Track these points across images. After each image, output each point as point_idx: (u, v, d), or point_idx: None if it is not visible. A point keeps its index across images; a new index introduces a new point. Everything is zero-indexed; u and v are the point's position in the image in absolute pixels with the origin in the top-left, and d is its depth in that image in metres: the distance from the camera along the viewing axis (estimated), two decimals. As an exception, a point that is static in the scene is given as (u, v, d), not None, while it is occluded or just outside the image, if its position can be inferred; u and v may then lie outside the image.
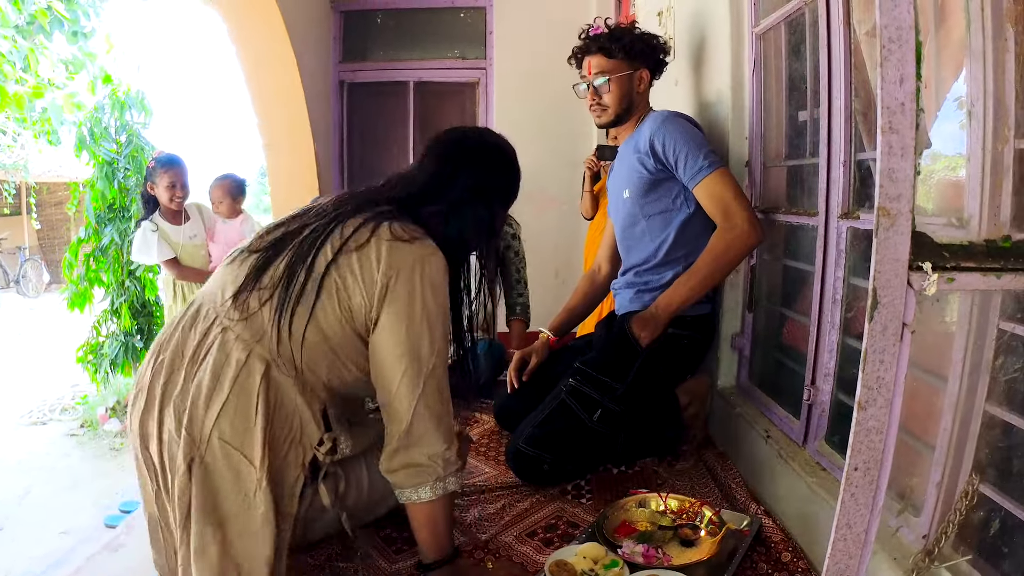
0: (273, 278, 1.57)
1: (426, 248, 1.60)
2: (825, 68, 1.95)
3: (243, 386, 1.51)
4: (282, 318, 1.53)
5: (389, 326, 1.55)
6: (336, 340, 1.57)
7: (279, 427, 1.54)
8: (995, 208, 1.32)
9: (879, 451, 0.84)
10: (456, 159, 1.75)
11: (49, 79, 10.47)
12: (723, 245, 2.23)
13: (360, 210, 1.65)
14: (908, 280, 0.79)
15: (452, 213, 1.71)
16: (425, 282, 1.57)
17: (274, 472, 1.51)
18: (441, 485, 1.59)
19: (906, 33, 0.74)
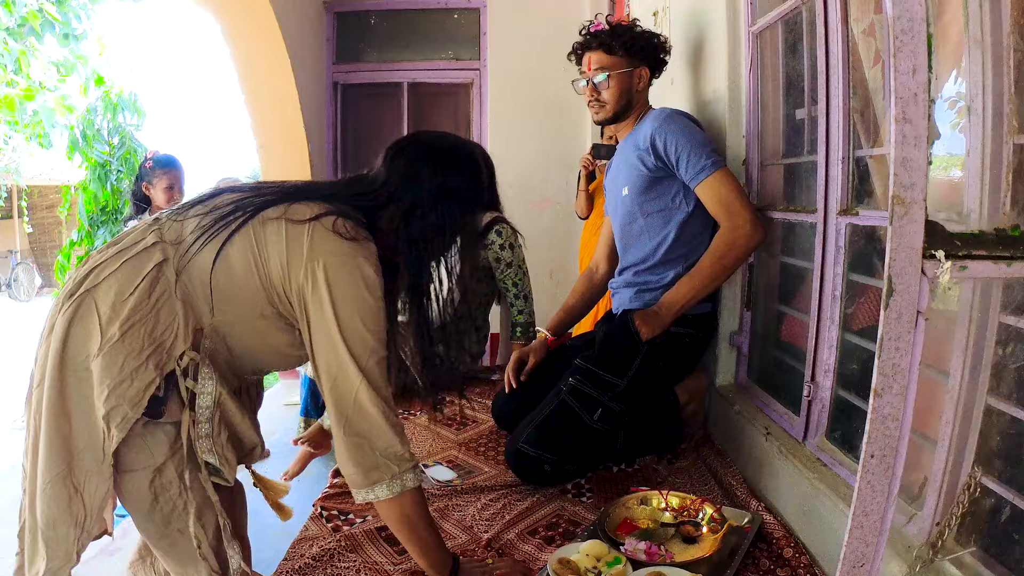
0: (217, 205, 1.63)
1: (366, 250, 1.61)
2: (823, 66, 1.96)
3: (136, 264, 1.55)
4: (201, 236, 1.58)
5: (322, 325, 1.57)
6: (240, 283, 1.59)
7: (151, 317, 1.54)
8: (995, 202, 1.33)
9: (895, 438, 0.84)
10: (416, 161, 1.74)
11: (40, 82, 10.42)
12: (726, 245, 2.23)
13: (319, 200, 1.66)
14: (922, 268, 0.80)
15: (411, 214, 1.70)
16: (358, 281, 1.58)
17: (126, 354, 1.51)
18: (398, 483, 1.58)
19: (918, 24, 0.75)
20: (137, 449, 1.58)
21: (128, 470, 1.58)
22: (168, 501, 1.63)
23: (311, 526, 2.01)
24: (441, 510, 2.07)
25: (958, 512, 1.39)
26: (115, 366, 1.49)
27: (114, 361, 1.49)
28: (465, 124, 5.77)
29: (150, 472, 1.60)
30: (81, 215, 6.01)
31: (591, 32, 2.48)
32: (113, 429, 1.50)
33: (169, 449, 1.61)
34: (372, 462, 1.57)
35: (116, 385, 1.49)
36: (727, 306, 2.61)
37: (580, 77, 2.54)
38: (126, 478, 1.59)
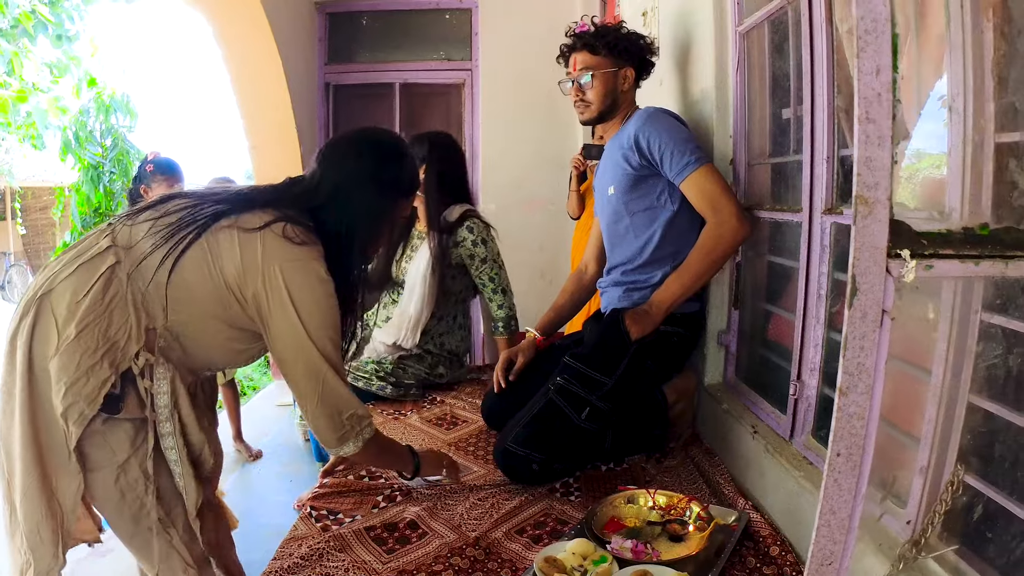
0: (168, 211, 1.72)
1: (314, 251, 1.74)
2: (808, 66, 1.97)
3: (90, 267, 1.63)
4: (154, 241, 1.67)
5: (285, 324, 1.70)
6: (193, 287, 1.68)
7: (104, 316, 1.61)
8: (976, 201, 1.33)
9: (861, 437, 0.85)
10: (333, 157, 1.87)
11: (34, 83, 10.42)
12: (712, 240, 2.24)
13: (266, 206, 1.77)
14: (887, 267, 0.80)
15: (336, 207, 1.80)
16: (313, 281, 1.71)
17: (82, 352, 1.57)
18: (362, 437, 1.84)
19: (882, 25, 0.75)
20: (99, 447, 1.64)
21: (93, 469, 1.64)
22: (135, 499, 1.68)
23: (300, 526, 2.01)
24: (430, 509, 2.07)
25: (941, 510, 1.39)
26: (72, 364, 1.56)
27: (71, 359, 1.56)
28: (457, 125, 5.77)
29: (114, 470, 1.66)
30: (74, 216, 5.99)
31: (576, 33, 2.50)
32: (71, 426, 1.56)
33: (131, 446, 1.67)
34: (342, 426, 1.80)
35: (73, 383, 1.55)
36: (715, 305, 2.61)
37: (567, 78, 2.55)
38: (92, 477, 1.64)
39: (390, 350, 3.12)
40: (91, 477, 1.64)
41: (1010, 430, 1.31)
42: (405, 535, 1.94)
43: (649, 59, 2.57)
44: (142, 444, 1.68)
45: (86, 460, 1.62)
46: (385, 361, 3.06)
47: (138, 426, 1.68)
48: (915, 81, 1.60)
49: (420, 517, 2.03)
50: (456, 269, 3.11)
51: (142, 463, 1.68)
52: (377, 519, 2.02)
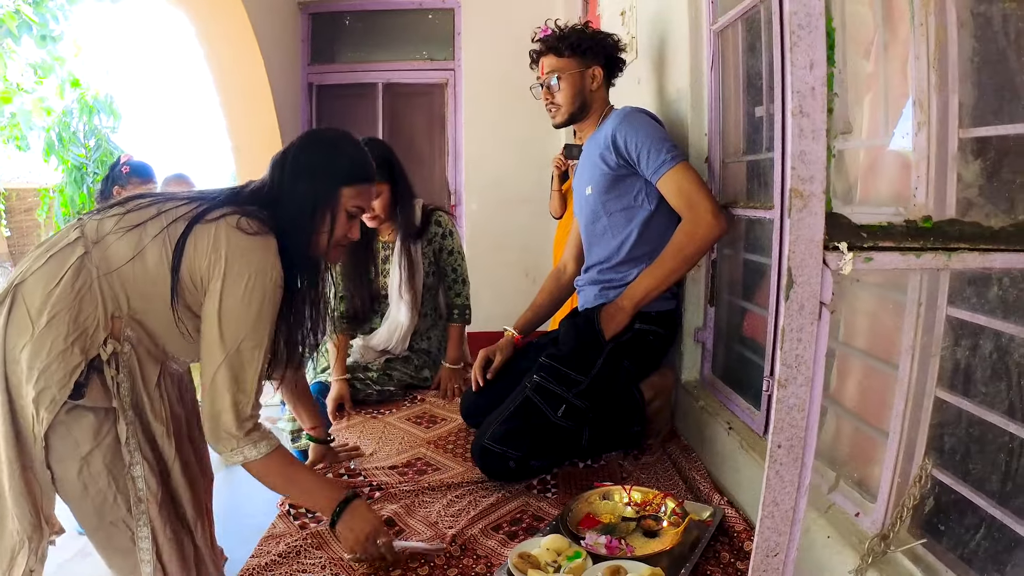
0: (134, 207, 1.78)
1: (264, 242, 1.74)
2: (778, 63, 1.98)
3: (60, 258, 1.68)
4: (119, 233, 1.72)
5: (209, 308, 1.71)
6: (153, 277, 1.71)
7: (75, 304, 1.66)
8: (940, 196, 1.35)
9: (801, 428, 0.86)
10: (279, 156, 1.90)
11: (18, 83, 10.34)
12: (687, 237, 2.25)
13: (224, 204, 1.81)
14: (824, 260, 0.81)
15: (280, 200, 1.83)
16: (253, 271, 1.71)
17: (53, 338, 1.62)
18: (240, 452, 1.73)
19: (816, 19, 0.76)
20: (63, 438, 1.67)
21: (58, 460, 1.67)
22: (98, 493, 1.70)
23: (278, 524, 2.02)
24: (407, 506, 2.08)
25: (910, 504, 1.41)
26: (43, 350, 1.60)
27: (42, 346, 1.61)
28: (440, 124, 5.77)
29: (77, 462, 1.68)
30: (58, 218, 5.96)
31: (540, 38, 2.53)
32: (42, 411, 1.61)
33: (94, 438, 1.69)
34: (219, 437, 1.73)
35: (44, 368, 1.60)
36: (691, 302, 2.63)
37: (536, 82, 2.57)
38: (57, 469, 1.67)
39: (377, 356, 3.13)
40: (56, 468, 1.67)
41: (976, 424, 1.33)
42: (382, 532, 1.95)
43: (617, 56, 2.58)
44: (105, 436, 1.70)
45: (50, 451, 1.65)
46: (372, 367, 3.07)
47: (101, 418, 1.70)
48: (882, 80, 1.62)
49: (397, 514, 2.04)
50: (430, 266, 3.15)
51: (105, 456, 1.70)
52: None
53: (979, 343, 1.33)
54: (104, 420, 1.71)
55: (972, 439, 1.35)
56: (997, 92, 1.28)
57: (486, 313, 5.65)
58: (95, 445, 1.69)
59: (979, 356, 1.33)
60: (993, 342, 1.28)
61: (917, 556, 1.40)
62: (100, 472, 1.70)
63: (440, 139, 5.79)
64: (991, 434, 1.29)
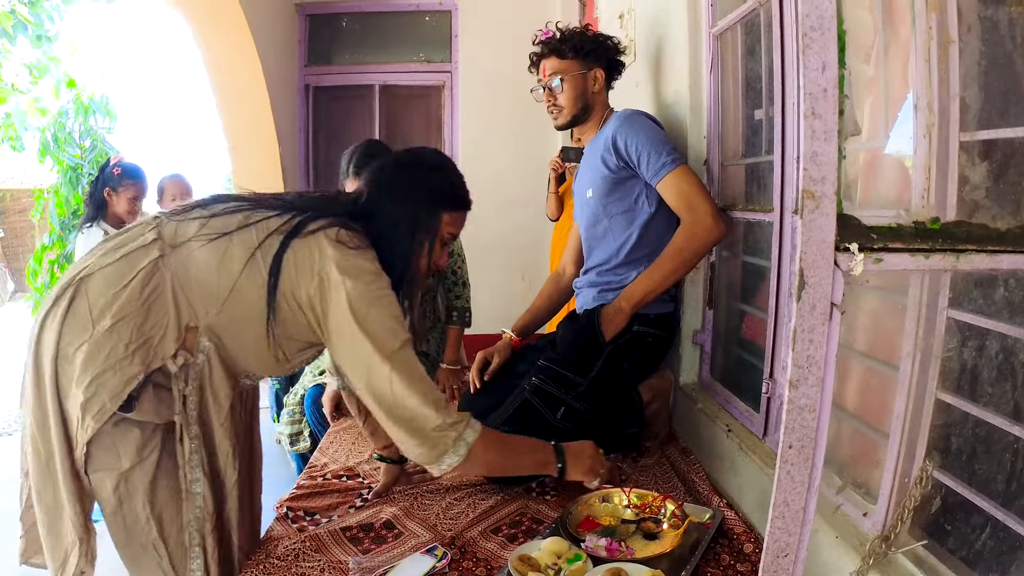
0: (220, 212, 1.71)
1: (367, 254, 1.70)
2: (778, 67, 1.98)
3: (132, 259, 1.62)
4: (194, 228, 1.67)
5: (343, 327, 1.64)
6: (239, 287, 1.65)
7: (141, 311, 1.60)
8: (941, 194, 1.35)
9: (812, 429, 0.86)
10: (376, 172, 1.87)
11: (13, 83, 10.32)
12: (686, 239, 2.25)
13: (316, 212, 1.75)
14: (835, 261, 0.82)
15: (377, 218, 1.79)
16: (369, 275, 1.66)
17: (112, 345, 1.57)
18: (463, 444, 1.69)
19: (827, 21, 0.77)
20: (106, 449, 1.62)
21: (95, 470, 1.62)
22: (131, 511, 1.67)
23: (276, 526, 2.01)
24: (406, 509, 2.08)
25: (910, 505, 1.41)
26: (100, 355, 1.54)
27: (100, 350, 1.54)
28: (436, 126, 5.78)
29: (115, 476, 1.64)
30: (53, 219, 5.94)
31: (542, 40, 2.53)
32: (88, 418, 1.55)
33: (136, 455, 1.65)
34: (430, 440, 1.66)
35: (99, 374, 1.54)
36: (690, 305, 2.63)
37: (538, 85, 2.57)
38: (93, 478, 1.63)
39: None
40: (92, 477, 1.63)
41: (978, 425, 1.33)
42: (381, 535, 1.94)
43: (617, 59, 2.58)
44: (149, 455, 1.67)
45: (89, 459, 1.61)
46: None
47: (148, 435, 1.67)
48: (882, 82, 1.62)
49: (396, 517, 2.03)
50: None
51: (145, 476, 1.67)
52: (353, 519, 2.02)
53: (980, 344, 1.33)
54: (150, 437, 1.68)
55: (973, 440, 1.36)
56: (1003, 95, 1.29)
57: (483, 315, 5.65)
58: (137, 462, 1.65)
59: (979, 356, 1.34)
60: (998, 343, 1.28)
61: (919, 557, 1.40)
62: (137, 491, 1.66)
63: (437, 141, 5.79)
64: (992, 435, 1.29)
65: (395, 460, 2.22)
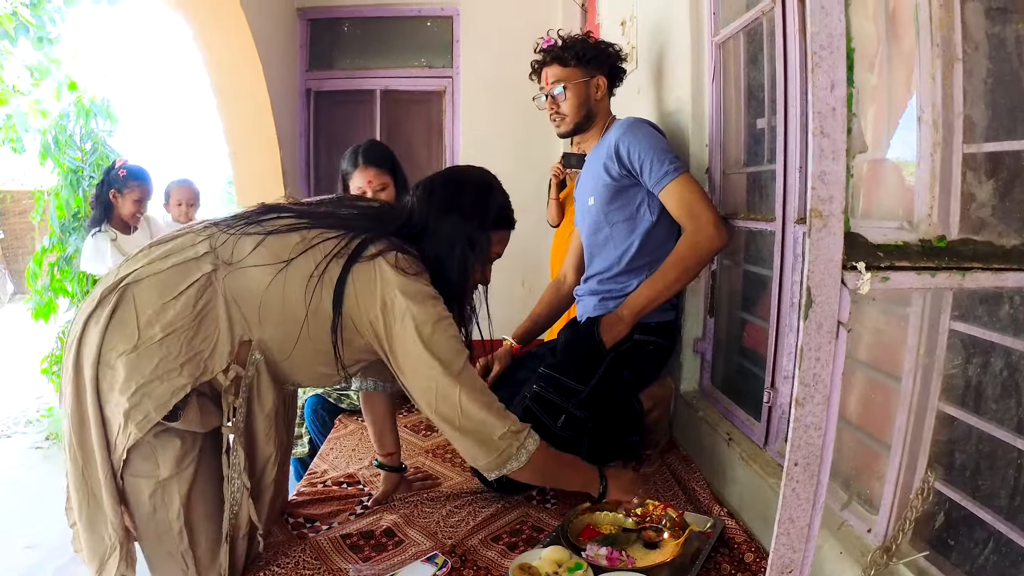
0: (275, 229, 1.74)
1: (425, 279, 1.77)
2: (781, 76, 1.99)
3: (184, 269, 1.64)
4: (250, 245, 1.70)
5: (411, 350, 1.71)
6: (294, 304, 1.69)
7: (193, 325, 1.62)
8: (944, 211, 1.35)
9: (818, 447, 0.86)
10: (424, 190, 1.91)
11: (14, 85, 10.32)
12: (688, 248, 2.26)
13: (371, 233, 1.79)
14: (842, 279, 0.82)
15: (427, 237, 1.84)
16: (429, 304, 1.72)
17: (162, 356, 1.59)
18: (524, 452, 1.78)
19: (837, 40, 0.77)
20: (145, 457, 1.64)
21: (132, 475, 1.64)
22: (164, 520, 1.68)
23: (277, 532, 2.01)
24: (407, 516, 2.07)
25: (912, 516, 1.41)
26: (148, 366, 1.56)
27: (148, 361, 1.56)
28: (437, 132, 5.77)
29: (152, 483, 1.65)
30: (53, 222, 5.93)
31: (544, 48, 2.53)
32: (131, 425, 1.57)
33: (175, 466, 1.66)
34: (496, 448, 1.75)
35: (146, 383, 1.56)
36: (691, 313, 2.63)
37: (540, 93, 2.57)
38: (129, 482, 1.64)
39: None
40: (128, 481, 1.64)
41: (979, 437, 1.33)
42: (381, 543, 1.94)
43: (619, 66, 2.58)
44: (187, 467, 1.68)
45: (127, 464, 1.62)
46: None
47: (187, 447, 1.69)
48: (886, 94, 1.62)
49: (396, 525, 2.03)
50: None
51: (182, 487, 1.68)
52: (353, 527, 2.02)
53: (984, 358, 1.33)
54: (190, 449, 1.69)
55: (976, 453, 1.36)
56: (1009, 112, 1.29)
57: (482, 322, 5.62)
58: (175, 473, 1.67)
59: (983, 370, 1.34)
60: (1002, 358, 1.28)
61: (921, 569, 1.40)
62: (172, 501, 1.67)
63: (438, 146, 5.79)
64: (994, 448, 1.29)
65: (395, 468, 2.23)
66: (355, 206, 1.94)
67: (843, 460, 1.78)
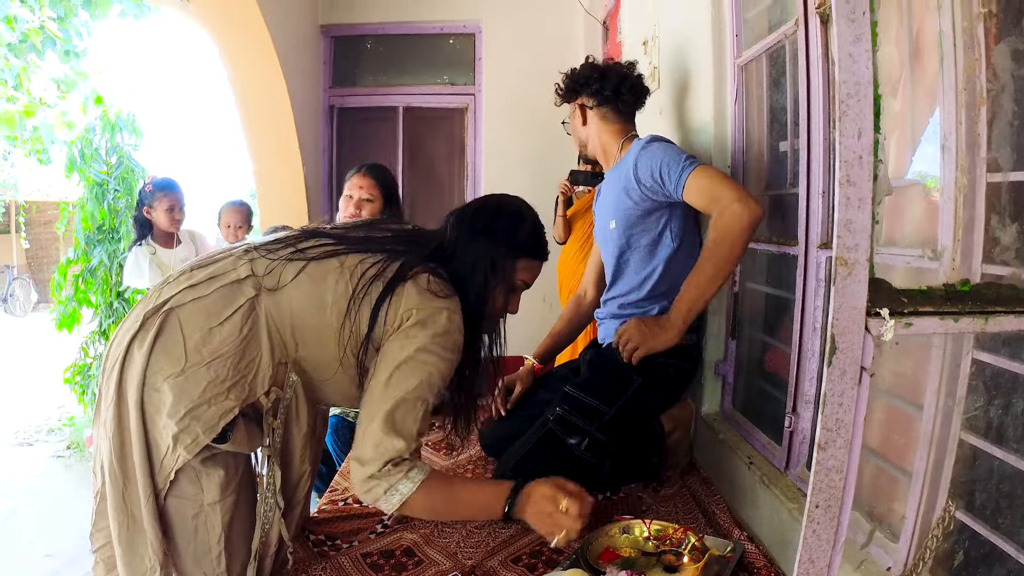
0: (315, 256, 1.77)
1: (453, 304, 1.77)
2: (804, 99, 1.99)
3: (228, 294, 1.66)
4: (292, 272, 1.72)
5: (390, 353, 1.71)
6: (328, 327, 1.72)
7: (239, 350, 1.65)
8: (968, 243, 1.35)
9: (839, 489, 0.86)
10: (459, 215, 1.95)
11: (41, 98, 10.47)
12: (719, 232, 2.09)
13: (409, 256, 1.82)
14: (866, 326, 0.82)
15: (456, 259, 1.87)
16: (441, 330, 1.73)
17: (209, 380, 1.61)
18: (396, 491, 1.70)
19: (864, 88, 0.78)
20: (191, 480, 1.65)
21: (177, 495, 1.65)
22: (204, 543, 1.69)
23: (298, 550, 2.02)
24: (426, 536, 2.08)
25: (932, 546, 1.40)
26: (196, 389, 1.58)
27: (196, 385, 1.58)
28: (460, 148, 5.80)
29: (197, 505, 1.67)
30: (78, 233, 6.01)
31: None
32: (180, 448, 1.58)
33: (220, 493, 1.68)
34: (364, 481, 1.70)
35: (194, 407, 1.58)
36: (712, 335, 2.62)
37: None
38: (173, 503, 1.66)
39: None
40: (171, 502, 1.65)
41: (1001, 468, 1.32)
42: (401, 562, 1.94)
43: (600, 78, 2.53)
44: (230, 495, 1.70)
45: (173, 485, 1.64)
46: None
47: (231, 475, 1.70)
48: (910, 116, 1.62)
49: (416, 544, 2.03)
50: None
51: (224, 515, 1.69)
52: (374, 545, 2.02)
53: (1009, 389, 1.32)
54: (233, 476, 1.71)
55: (998, 482, 1.35)
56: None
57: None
58: (219, 499, 1.68)
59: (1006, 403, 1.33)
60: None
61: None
62: (215, 526, 1.69)
63: (460, 163, 5.82)
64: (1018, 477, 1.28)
65: None
66: (389, 229, 1.96)
67: (863, 487, 1.78)
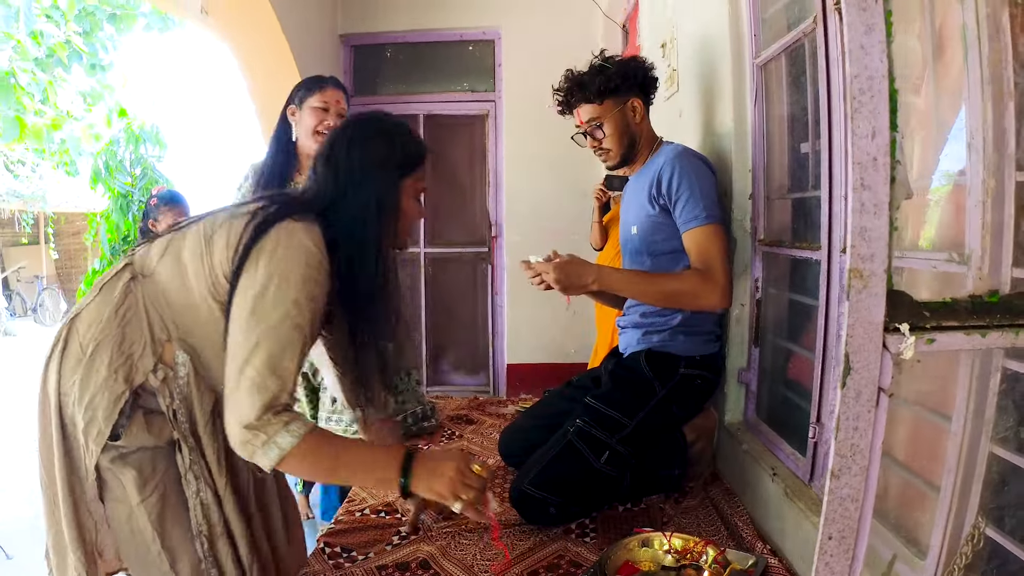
0: (179, 228, 1.74)
1: (308, 227, 1.59)
2: (824, 99, 1.93)
3: (110, 288, 1.68)
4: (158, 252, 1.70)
5: (244, 287, 1.55)
6: (193, 289, 1.65)
7: (118, 331, 1.64)
8: (996, 247, 1.29)
9: (855, 520, 0.81)
10: (327, 157, 1.74)
11: (67, 111, 10.63)
12: (690, 288, 2.25)
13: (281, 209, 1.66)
14: (884, 343, 0.77)
15: (340, 201, 1.68)
16: (296, 250, 1.56)
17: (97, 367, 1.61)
18: (273, 443, 1.49)
19: (878, 83, 0.73)
20: (117, 483, 1.67)
21: (111, 499, 1.67)
22: (141, 544, 1.68)
23: (313, 562, 2.00)
24: (443, 549, 2.05)
25: (961, 563, 1.35)
26: (89, 380, 1.60)
27: (89, 375, 1.60)
28: (481, 156, 5.79)
29: (127, 507, 1.67)
30: (104, 244, 6.07)
31: (565, 91, 2.48)
32: (91, 443, 1.60)
33: (139, 493, 1.66)
34: (240, 432, 1.50)
35: (92, 398, 1.59)
36: (735, 342, 2.57)
37: (578, 130, 2.53)
38: (109, 507, 1.67)
39: None
40: (108, 506, 1.67)
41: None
42: (417, 575, 1.91)
43: (649, 77, 2.47)
44: (151, 495, 1.67)
45: (105, 488, 1.66)
46: None
47: (147, 475, 1.67)
48: (935, 115, 1.57)
49: (432, 556, 2.00)
50: None
51: (150, 513, 1.67)
52: (390, 557, 2.00)
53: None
54: (149, 477, 1.67)
55: None
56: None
57: (527, 344, 5.62)
58: (141, 500, 1.66)
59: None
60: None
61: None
62: (145, 527, 1.67)
63: (481, 170, 5.81)
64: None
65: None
66: (267, 197, 1.76)
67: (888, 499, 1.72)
